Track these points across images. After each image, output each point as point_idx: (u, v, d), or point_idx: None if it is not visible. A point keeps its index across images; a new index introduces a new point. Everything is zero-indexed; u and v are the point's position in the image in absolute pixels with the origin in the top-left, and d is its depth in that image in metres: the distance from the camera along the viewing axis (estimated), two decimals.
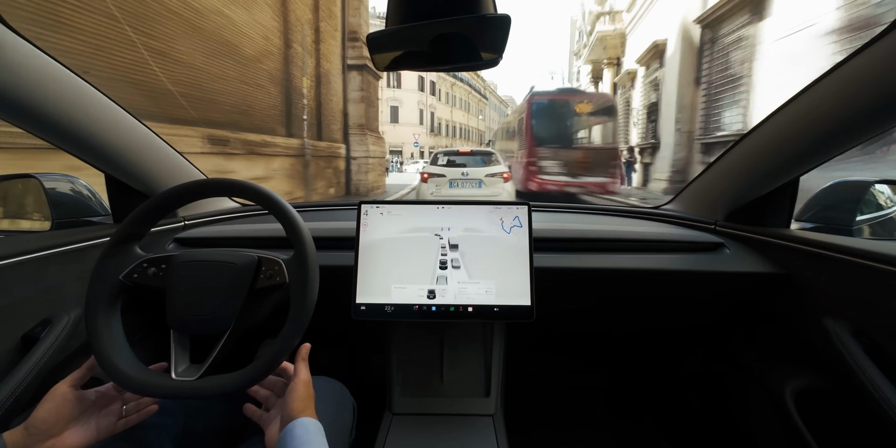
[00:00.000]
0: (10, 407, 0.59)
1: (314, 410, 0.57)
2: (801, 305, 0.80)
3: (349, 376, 0.86)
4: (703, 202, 1.05)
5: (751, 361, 0.95)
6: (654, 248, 0.93)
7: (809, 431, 0.76)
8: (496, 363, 0.90)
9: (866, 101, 0.60)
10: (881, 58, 0.56)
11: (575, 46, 32.88)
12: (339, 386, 0.78)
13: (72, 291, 0.73)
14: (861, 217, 0.90)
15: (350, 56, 9.79)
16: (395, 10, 0.49)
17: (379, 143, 10.83)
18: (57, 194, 0.91)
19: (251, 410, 0.63)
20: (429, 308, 0.76)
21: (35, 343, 0.66)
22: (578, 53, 31.12)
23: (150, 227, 0.65)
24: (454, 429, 0.81)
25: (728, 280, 0.87)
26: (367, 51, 0.54)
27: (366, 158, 9.85)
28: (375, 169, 10.44)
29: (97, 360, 0.55)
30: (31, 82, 0.63)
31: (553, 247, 0.91)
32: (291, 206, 0.61)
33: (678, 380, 1.25)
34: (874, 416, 0.60)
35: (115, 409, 0.59)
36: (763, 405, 0.89)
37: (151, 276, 0.60)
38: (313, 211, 1.21)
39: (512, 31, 0.49)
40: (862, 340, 0.66)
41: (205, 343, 0.58)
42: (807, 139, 0.72)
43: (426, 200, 0.84)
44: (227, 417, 0.73)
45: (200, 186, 0.64)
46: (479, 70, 0.61)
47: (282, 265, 0.59)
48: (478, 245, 0.79)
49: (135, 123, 0.83)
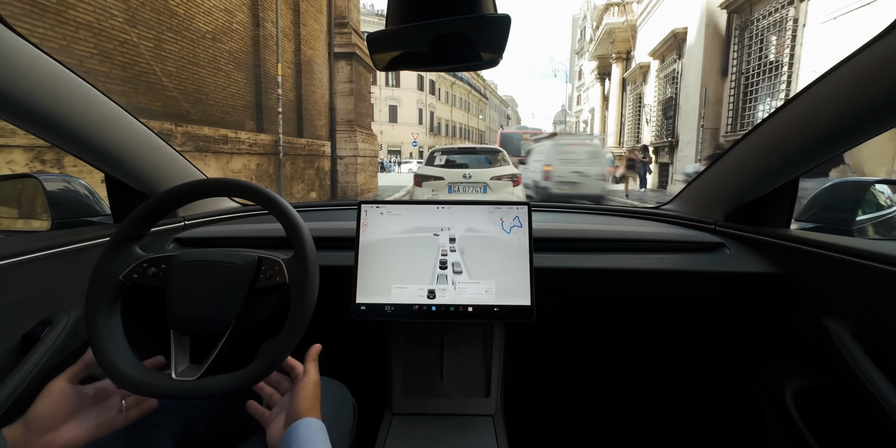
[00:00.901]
0: (10, 407, 0.59)
1: (319, 411, 0.58)
2: (801, 305, 0.80)
3: (349, 376, 0.86)
4: (703, 202, 1.05)
5: (750, 361, 0.95)
6: (654, 248, 0.93)
7: (809, 431, 0.76)
8: (496, 363, 0.90)
9: (866, 101, 0.60)
10: (881, 58, 0.56)
11: (577, 45, 32.52)
12: (340, 387, 0.78)
13: (72, 291, 0.73)
14: (861, 217, 0.90)
15: (337, 43, 8.51)
16: (395, 10, 0.49)
17: (370, 141, 9.79)
18: (57, 194, 0.91)
19: (254, 407, 0.63)
20: (429, 308, 0.76)
21: (35, 343, 0.66)
22: (581, 51, 30.55)
23: (151, 227, 0.65)
24: (454, 429, 0.81)
25: (728, 280, 0.87)
26: (362, 45, 0.54)
27: (354, 158, 8.81)
28: (366, 170, 9.48)
29: (97, 359, 0.55)
30: (32, 82, 0.63)
31: (553, 247, 0.91)
32: (292, 206, 0.61)
33: (678, 379, 1.25)
34: (874, 416, 0.60)
35: (115, 404, 0.59)
36: (763, 405, 0.89)
37: (151, 276, 0.60)
38: (313, 211, 1.21)
39: (512, 31, 0.50)
40: (862, 340, 0.66)
41: (204, 343, 0.58)
42: (807, 139, 0.72)
43: (426, 200, 0.84)
44: (227, 417, 0.73)
45: (200, 186, 0.64)
46: (479, 70, 0.61)
47: (282, 265, 0.59)
48: (478, 245, 0.79)
49: (135, 123, 0.83)
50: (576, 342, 1.30)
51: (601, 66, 19.33)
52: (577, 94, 34.08)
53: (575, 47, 34.01)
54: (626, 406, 1.29)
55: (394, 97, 33.61)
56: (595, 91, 22.73)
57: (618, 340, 1.29)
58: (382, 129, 31.61)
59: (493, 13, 0.48)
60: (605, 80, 19.44)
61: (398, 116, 33.90)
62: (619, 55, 16.05)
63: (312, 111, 7.92)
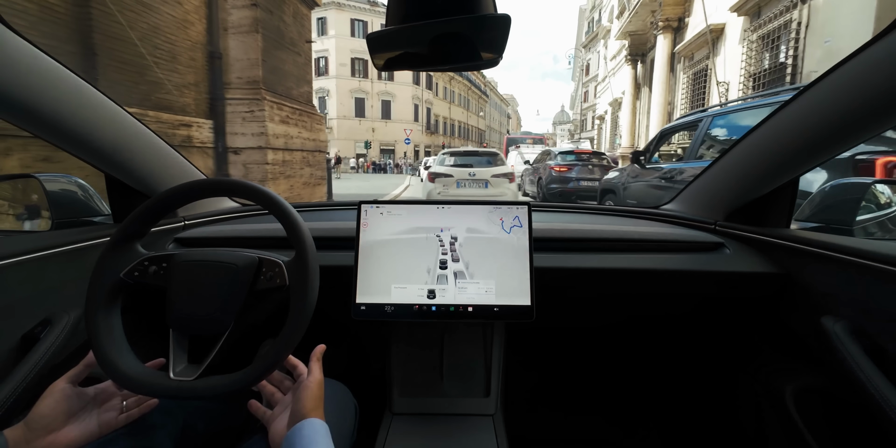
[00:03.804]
0: (10, 407, 0.60)
1: (322, 412, 0.58)
2: (801, 305, 0.80)
3: (349, 376, 0.86)
4: (703, 202, 1.05)
5: (750, 361, 0.95)
6: (654, 248, 0.93)
7: (809, 431, 0.76)
8: (496, 363, 0.90)
9: (866, 101, 0.60)
10: (881, 58, 0.56)
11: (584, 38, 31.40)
12: (341, 387, 0.78)
13: (72, 291, 0.73)
14: (861, 217, 0.90)
15: None
16: (395, 10, 0.49)
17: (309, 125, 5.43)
18: (57, 194, 0.91)
19: (255, 407, 0.63)
20: (429, 308, 0.76)
21: (35, 343, 0.66)
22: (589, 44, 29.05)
23: (151, 226, 0.65)
24: (454, 429, 0.81)
25: (728, 280, 0.87)
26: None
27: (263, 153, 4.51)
28: (296, 175, 5.19)
29: (95, 357, 0.55)
30: (32, 82, 0.63)
31: (553, 247, 0.91)
32: (292, 206, 0.61)
33: (678, 379, 1.25)
34: (874, 416, 0.60)
35: (116, 405, 0.60)
36: (763, 405, 0.89)
37: (152, 275, 0.61)
38: (313, 211, 1.21)
39: (512, 30, 0.50)
40: (862, 340, 0.66)
41: (204, 343, 0.58)
42: (807, 139, 0.72)
43: (426, 200, 0.84)
44: (227, 417, 0.73)
45: (200, 186, 0.64)
46: (479, 70, 0.61)
47: (282, 267, 0.59)
48: (478, 245, 0.79)
49: (135, 123, 0.83)
50: (576, 342, 1.30)
51: (633, 46, 14.87)
52: (584, 90, 32.94)
53: (582, 41, 32.69)
54: (625, 406, 1.29)
55: (387, 92, 31.40)
56: (618, 79, 18.36)
57: (618, 340, 1.29)
58: (375, 127, 30.43)
59: (493, 13, 0.48)
60: (636, 63, 15.13)
61: (392, 113, 31.74)
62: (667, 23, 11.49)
63: (171, 61, 3.80)
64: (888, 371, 0.61)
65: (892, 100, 0.57)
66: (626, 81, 16.01)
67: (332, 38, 28.59)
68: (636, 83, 15.53)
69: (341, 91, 29.37)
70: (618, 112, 18.61)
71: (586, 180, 7.46)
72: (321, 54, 28.55)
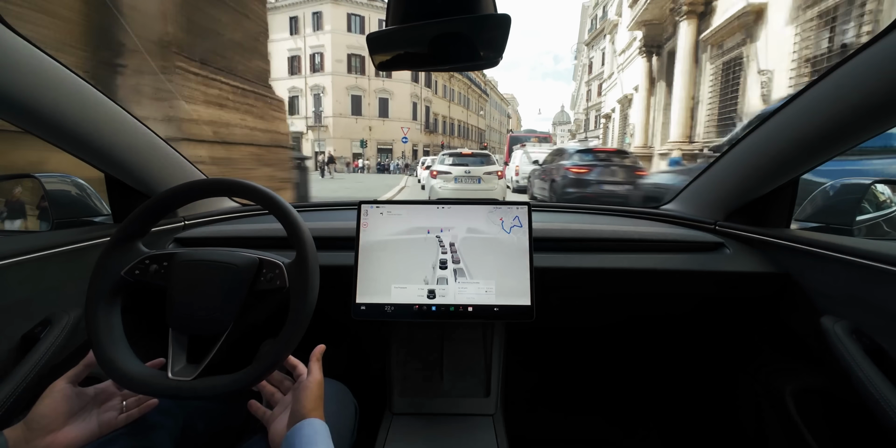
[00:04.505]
0: (10, 407, 0.60)
1: (322, 412, 0.58)
2: (801, 305, 0.80)
3: (349, 376, 0.86)
4: (704, 202, 1.05)
5: (750, 361, 0.95)
6: (654, 248, 0.93)
7: (809, 431, 0.76)
8: (496, 363, 0.90)
9: (866, 101, 0.60)
10: (881, 58, 0.56)
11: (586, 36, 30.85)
12: (341, 387, 0.78)
13: (72, 291, 0.73)
14: (861, 217, 0.90)
15: None
16: (395, 10, 0.49)
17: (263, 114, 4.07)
18: (57, 194, 0.91)
19: (255, 407, 0.63)
20: (429, 308, 0.76)
21: (35, 343, 0.66)
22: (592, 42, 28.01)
23: (151, 226, 0.65)
24: (454, 429, 0.81)
25: (728, 280, 0.87)
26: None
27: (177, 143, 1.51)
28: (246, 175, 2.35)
29: (95, 355, 0.55)
30: (32, 82, 0.62)
31: (553, 247, 0.91)
32: (292, 206, 0.61)
33: (678, 379, 1.25)
34: (874, 416, 0.60)
35: (116, 405, 0.60)
36: (763, 405, 0.89)
37: (153, 274, 0.61)
38: (313, 211, 1.21)
39: (513, 30, 0.50)
40: (861, 340, 0.66)
41: (203, 343, 0.58)
42: (807, 139, 0.72)
43: (426, 200, 0.84)
44: (227, 417, 0.73)
45: (200, 186, 0.64)
46: (479, 69, 0.61)
47: (283, 269, 0.59)
48: (478, 245, 0.79)
49: (135, 123, 0.83)
50: (576, 342, 1.30)
51: (648, 37, 13.54)
52: (587, 89, 32.20)
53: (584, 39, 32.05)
54: (625, 406, 1.29)
55: (385, 89, 29.99)
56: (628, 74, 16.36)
57: (618, 340, 1.29)
58: (372, 125, 29.54)
59: (493, 13, 0.48)
60: (651, 55, 13.75)
61: (389, 111, 30.40)
62: (691, 8, 10.21)
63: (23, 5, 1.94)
64: (888, 371, 0.62)
65: (893, 100, 0.57)
66: (639, 76, 14.47)
67: (327, 33, 27.76)
68: (651, 77, 14.03)
69: (337, 88, 28.46)
70: (627, 109, 17.07)
71: (609, 184, 6.22)
72: (316, 50, 28.01)
